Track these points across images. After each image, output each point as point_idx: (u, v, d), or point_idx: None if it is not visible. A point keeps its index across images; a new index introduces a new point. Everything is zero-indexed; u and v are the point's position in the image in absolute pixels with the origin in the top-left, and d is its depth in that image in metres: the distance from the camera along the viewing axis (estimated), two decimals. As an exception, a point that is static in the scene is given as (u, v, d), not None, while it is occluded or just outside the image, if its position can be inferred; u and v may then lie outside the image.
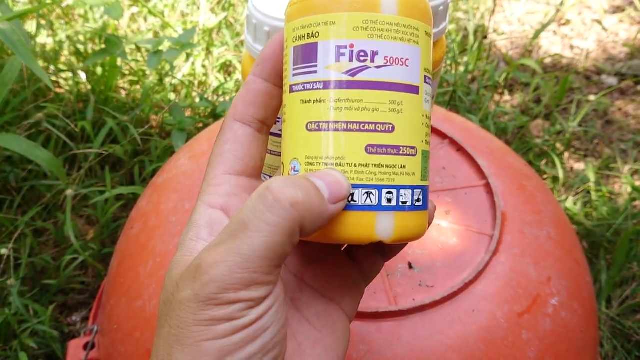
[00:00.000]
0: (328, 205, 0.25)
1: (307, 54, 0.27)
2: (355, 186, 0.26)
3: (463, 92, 1.18)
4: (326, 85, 0.27)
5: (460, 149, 0.59)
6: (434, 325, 0.44)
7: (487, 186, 0.55)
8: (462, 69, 1.27)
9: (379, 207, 0.26)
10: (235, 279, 0.23)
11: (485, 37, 1.41)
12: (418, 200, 0.27)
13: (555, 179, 1.06)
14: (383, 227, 0.26)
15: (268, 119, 0.30)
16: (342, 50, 0.26)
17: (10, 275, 0.79)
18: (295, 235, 0.24)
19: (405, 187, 0.27)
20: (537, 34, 1.35)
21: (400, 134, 0.27)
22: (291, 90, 0.28)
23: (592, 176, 1.03)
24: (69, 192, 0.84)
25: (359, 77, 0.26)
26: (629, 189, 1.03)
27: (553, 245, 0.53)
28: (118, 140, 0.97)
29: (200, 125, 1.01)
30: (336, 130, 0.26)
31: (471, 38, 1.34)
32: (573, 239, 0.58)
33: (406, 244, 0.31)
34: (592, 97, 1.26)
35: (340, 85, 0.26)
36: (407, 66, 0.27)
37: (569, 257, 0.54)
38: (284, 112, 0.28)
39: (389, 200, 0.26)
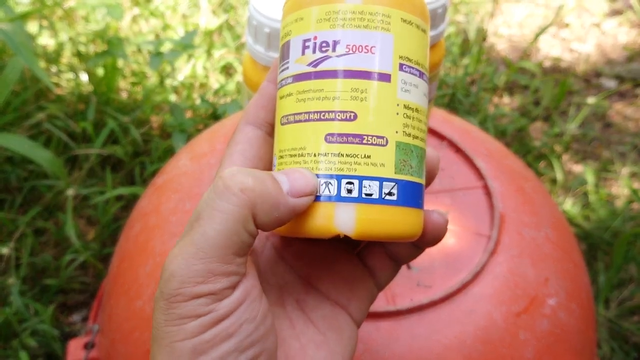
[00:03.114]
0: (286, 196, 0.25)
1: (284, 53, 0.28)
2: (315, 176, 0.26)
3: (462, 94, 1.19)
4: (295, 78, 0.27)
5: (458, 150, 0.60)
6: (432, 325, 0.45)
7: (485, 187, 0.55)
8: (461, 71, 1.28)
9: (337, 198, 0.25)
10: (192, 271, 0.23)
11: (484, 40, 1.42)
12: (390, 194, 0.26)
13: (553, 181, 1.06)
14: (342, 219, 0.25)
15: None
16: (307, 44, 0.27)
17: (11, 275, 0.79)
18: (248, 223, 0.24)
19: (369, 178, 0.25)
20: (536, 37, 1.35)
21: (363, 123, 0.26)
22: (277, 89, 0.29)
23: (590, 178, 1.03)
24: (70, 192, 0.85)
25: (321, 67, 0.26)
26: (627, 192, 1.03)
27: (551, 247, 0.54)
28: (119, 141, 0.97)
29: (201, 126, 1.01)
30: (299, 121, 0.26)
31: (471, 41, 1.35)
32: (571, 240, 0.58)
33: (421, 251, 0.30)
34: (591, 100, 1.26)
35: (304, 77, 0.26)
36: (373, 53, 0.26)
37: (567, 259, 0.55)
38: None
39: (349, 191, 0.25)
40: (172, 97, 1.10)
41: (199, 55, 1.18)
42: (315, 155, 0.26)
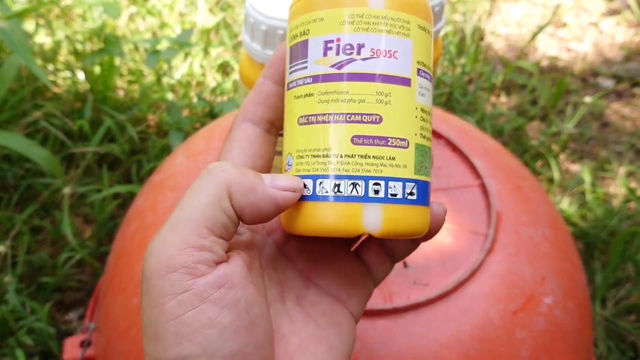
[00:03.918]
0: (265, 185, 0.26)
1: (300, 52, 0.28)
2: (341, 177, 0.26)
3: (460, 94, 1.19)
4: (315, 79, 0.27)
5: (455, 149, 0.60)
6: (428, 323, 0.45)
7: (482, 186, 0.56)
8: (459, 70, 1.28)
9: (365, 199, 0.26)
10: (167, 243, 0.24)
11: (482, 39, 1.42)
12: (411, 193, 0.27)
13: (551, 180, 1.07)
14: (370, 218, 0.26)
15: (277, 120, 0.30)
16: (329, 45, 0.27)
17: (7, 273, 0.79)
18: (223, 200, 0.25)
19: (394, 179, 0.26)
20: (533, 36, 1.35)
21: (388, 125, 0.26)
22: (287, 88, 0.28)
23: (587, 178, 1.04)
24: (67, 190, 0.84)
25: (345, 69, 0.27)
26: (624, 191, 1.04)
27: (548, 245, 0.54)
28: (115, 139, 0.97)
29: (198, 125, 1.01)
30: (322, 122, 0.27)
31: (468, 40, 1.35)
32: (568, 239, 0.58)
33: (417, 246, 0.31)
34: (588, 99, 1.26)
35: (327, 78, 0.27)
36: (396, 58, 0.27)
37: (563, 257, 0.55)
38: (284, 110, 0.29)
39: (376, 192, 0.26)
40: (169, 96, 1.10)
41: (196, 53, 1.17)
42: (341, 156, 0.26)
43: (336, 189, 0.26)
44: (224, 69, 1.22)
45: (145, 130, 1.00)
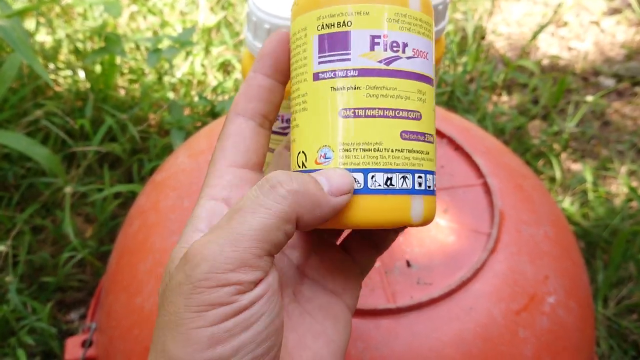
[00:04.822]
0: (328, 196, 0.25)
1: (338, 42, 0.28)
2: (393, 170, 0.27)
3: (461, 93, 1.19)
4: (361, 72, 0.27)
5: (458, 148, 0.59)
6: (431, 322, 0.45)
7: (485, 185, 0.55)
8: (460, 69, 1.28)
9: (412, 191, 0.27)
10: (225, 257, 0.23)
11: (483, 38, 1.42)
12: (435, 185, 0.29)
13: (552, 179, 1.06)
14: (416, 210, 0.28)
15: (270, 113, 0.30)
16: (376, 40, 0.27)
17: (9, 273, 0.79)
18: (290, 223, 0.24)
19: (430, 172, 0.28)
20: (535, 35, 1.35)
21: (425, 122, 0.28)
22: (316, 78, 0.28)
23: (589, 177, 1.03)
24: (68, 189, 0.84)
25: (393, 66, 0.27)
26: (626, 190, 1.04)
27: (550, 244, 0.54)
28: (117, 138, 0.97)
29: (199, 124, 1.01)
30: (372, 116, 0.27)
31: (469, 39, 1.35)
32: (570, 238, 0.58)
33: (397, 236, 0.32)
34: (589, 98, 1.26)
35: (376, 73, 0.27)
36: (427, 59, 0.28)
37: (566, 256, 0.55)
38: (304, 101, 0.28)
39: (420, 184, 0.28)
40: (170, 95, 1.10)
41: (197, 52, 1.17)
42: (393, 150, 0.27)
43: (389, 182, 0.27)
44: (225, 67, 1.22)
45: (147, 129, 1.00)
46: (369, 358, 0.43)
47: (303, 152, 0.28)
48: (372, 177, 0.27)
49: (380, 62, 0.27)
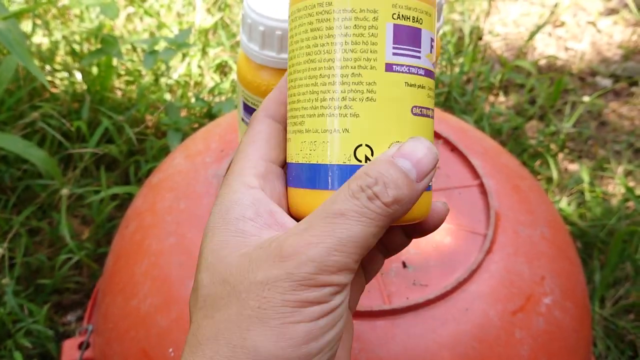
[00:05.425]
0: (416, 186, 0.25)
1: (412, 38, 0.27)
2: None
3: (458, 93, 1.19)
4: (426, 73, 0.28)
5: (454, 149, 0.60)
6: (427, 324, 0.45)
7: (481, 186, 0.55)
8: (457, 70, 1.28)
9: (430, 187, 0.29)
10: (332, 260, 0.24)
11: (480, 39, 1.42)
12: None
13: (549, 179, 1.06)
14: (434, 204, 0.29)
15: None
16: (432, 43, 0.28)
17: (5, 275, 0.79)
18: (383, 230, 0.25)
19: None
20: (531, 36, 1.35)
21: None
22: (390, 69, 0.27)
23: (586, 177, 1.03)
24: (64, 191, 0.84)
25: (433, 69, 0.28)
26: (623, 190, 1.04)
27: (547, 245, 0.54)
28: (113, 140, 0.97)
29: (196, 125, 1.01)
30: (427, 116, 0.28)
31: (466, 39, 1.35)
32: (567, 238, 0.58)
33: (410, 240, 0.32)
34: (586, 99, 1.26)
35: (431, 75, 0.28)
36: None
37: (562, 257, 0.55)
38: (371, 90, 0.26)
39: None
40: (167, 96, 1.10)
41: (194, 53, 1.17)
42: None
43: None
44: (222, 69, 1.21)
45: (143, 131, 1.00)
46: (365, 359, 0.43)
47: (367, 145, 0.26)
48: None
49: (433, 64, 0.28)
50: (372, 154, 0.26)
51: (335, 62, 0.26)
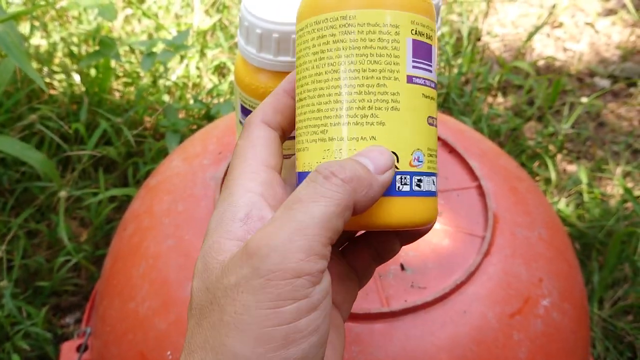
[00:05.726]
0: (375, 175, 0.26)
1: (426, 52, 0.29)
2: (435, 174, 0.29)
3: (456, 95, 1.19)
4: (435, 86, 0.29)
5: (452, 150, 0.60)
6: (425, 326, 0.45)
7: (479, 188, 0.55)
8: (455, 71, 1.28)
9: (435, 193, 0.29)
10: (295, 246, 0.23)
11: (478, 40, 1.42)
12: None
13: (547, 180, 1.07)
14: (436, 210, 0.30)
15: (288, 131, 0.31)
16: (435, 59, 0.30)
17: (3, 277, 0.79)
18: (349, 210, 0.25)
19: (436, 175, 0.30)
20: (530, 37, 1.35)
21: None
22: (410, 81, 0.28)
23: (584, 178, 1.03)
24: (62, 193, 0.84)
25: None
26: (621, 191, 1.04)
27: (545, 247, 0.54)
28: (112, 142, 0.97)
29: (194, 127, 1.01)
30: (434, 125, 0.29)
31: (465, 40, 1.35)
32: (565, 240, 0.58)
33: (400, 247, 0.32)
34: (584, 99, 1.26)
35: (436, 87, 0.30)
36: None
37: (560, 258, 0.55)
38: (395, 100, 0.28)
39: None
40: (165, 98, 1.10)
41: (192, 55, 1.17)
42: (436, 156, 0.30)
43: (435, 184, 0.29)
44: (220, 70, 1.21)
45: (142, 132, 1.00)
46: (363, 362, 0.43)
47: (394, 152, 0.27)
48: (434, 181, 0.29)
49: (436, 77, 0.30)
50: (397, 160, 0.28)
51: (361, 72, 0.27)
